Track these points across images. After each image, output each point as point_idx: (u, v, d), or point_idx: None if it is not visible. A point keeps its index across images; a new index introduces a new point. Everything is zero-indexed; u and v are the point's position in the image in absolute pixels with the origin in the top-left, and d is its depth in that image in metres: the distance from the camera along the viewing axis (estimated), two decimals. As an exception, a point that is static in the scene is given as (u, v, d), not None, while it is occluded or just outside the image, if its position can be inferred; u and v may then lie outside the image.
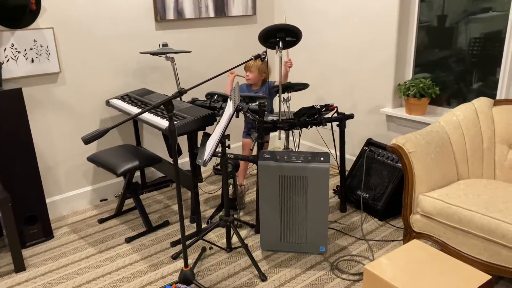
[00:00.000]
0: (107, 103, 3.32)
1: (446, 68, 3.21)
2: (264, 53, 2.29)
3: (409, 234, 2.52)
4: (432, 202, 2.34)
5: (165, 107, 2.03)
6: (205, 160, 2.22)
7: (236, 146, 4.24)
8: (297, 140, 3.03)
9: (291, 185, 2.57)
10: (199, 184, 3.71)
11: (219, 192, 3.59)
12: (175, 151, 2.13)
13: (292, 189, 2.58)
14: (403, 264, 1.92)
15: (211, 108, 2.94)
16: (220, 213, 3.23)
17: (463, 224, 2.20)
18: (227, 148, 2.52)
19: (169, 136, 2.10)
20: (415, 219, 2.46)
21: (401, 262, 1.94)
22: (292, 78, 3.73)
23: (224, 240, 2.89)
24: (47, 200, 3.20)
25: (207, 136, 2.62)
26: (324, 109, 2.94)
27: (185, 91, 2.08)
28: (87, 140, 1.87)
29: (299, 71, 4.08)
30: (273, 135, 4.03)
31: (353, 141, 3.81)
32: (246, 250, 2.58)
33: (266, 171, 2.58)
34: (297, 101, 4.01)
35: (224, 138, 2.44)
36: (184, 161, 3.87)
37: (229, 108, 2.35)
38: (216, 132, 2.35)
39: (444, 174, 2.52)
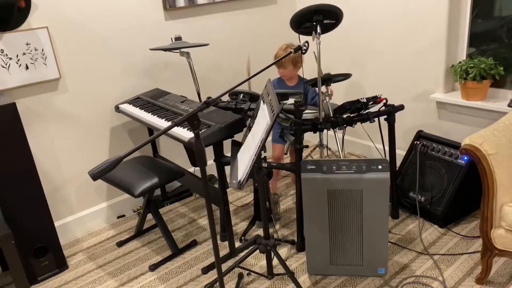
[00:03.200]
0: (117, 109, 2.90)
1: (507, 42, 2.71)
2: (306, 44, 1.84)
3: (489, 252, 2.08)
4: (523, 216, 1.89)
5: (190, 123, 1.60)
6: (240, 182, 1.80)
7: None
8: (340, 141, 2.59)
9: (343, 200, 2.14)
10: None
11: (248, 199, 3.19)
12: (205, 176, 1.71)
13: (343, 205, 2.15)
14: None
15: (237, 110, 2.51)
16: (253, 227, 2.83)
17: None
18: (263, 162, 2.10)
19: (196, 158, 1.68)
20: (498, 234, 2.02)
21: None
22: (323, 66, 3.26)
23: (262, 263, 2.49)
24: (58, 223, 2.83)
25: (237, 145, 2.20)
26: (371, 102, 2.49)
27: (213, 101, 1.65)
28: (96, 175, 1.46)
29: (330, 57, 3.60)
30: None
31: (398, 132, 3.32)
32: (292, 279, 2.18)
33: (311, 185, 2.15)
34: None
35: (260, 149, 2.01)
36: (208, 164, 3.45)
37: (264, 115, 1.91)
38: (250, 146, 1.91)
39: (529, 177, 2.06)
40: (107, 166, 1.46)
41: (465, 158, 2.60)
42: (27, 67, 2.54)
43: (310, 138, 4.02)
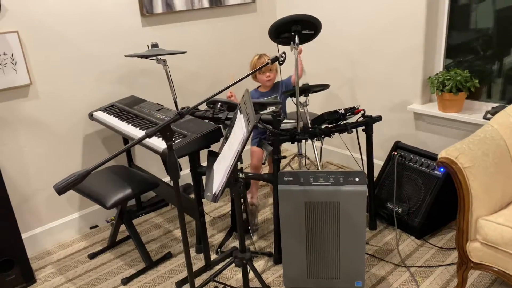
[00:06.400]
0: (90, 116, 2.82)
1: (482, 55, 2.75)
2: (283, 55, 1.81)
3: (465, 265, 2.08)
4: (498, 229, 1.89)
5: (162, 134, 1.55)
6: (215, 195, 1.75)
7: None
8: (318, 151, 2.57)
9: (320, 212, 2.11)
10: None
11: (226, 210, 3.13)
12: (177, 188, 1.66)
13: (321, 217, 2.12)
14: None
15: (215, 119, 2.46)
16: (230, 239, 2.77)
17: (542, 258, 1.77)
18: (239, 173, 2.05)
19: (169, 170, 1.63)
20: (474, 247, 2.02)
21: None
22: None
23: (239, 276, 2.44)
24: (26, 235, 2.72)
25: (213, 156, 2.15)
26: (349, 113, 2.48)
27: (188, 111, 1.61)
28: (61, 189, 1.39)
29: (308, 68, 3.57)
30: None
31: (376, 142, 3.33)
32: (269, 293, 2.13)
33: (288, 197, 2.12)
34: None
35: (236, 161, 1.96)
36: (183, 173, 3.39)
37: (241, 126, 1.87)
38: (226, 157, 1.87)
39: (504, 191, 2.08)
40: (74, 180, 1.39)
41: (442, 169, 2.61)
42: (-5, 73, 2.45)
43: (289, 146, 4.00)
